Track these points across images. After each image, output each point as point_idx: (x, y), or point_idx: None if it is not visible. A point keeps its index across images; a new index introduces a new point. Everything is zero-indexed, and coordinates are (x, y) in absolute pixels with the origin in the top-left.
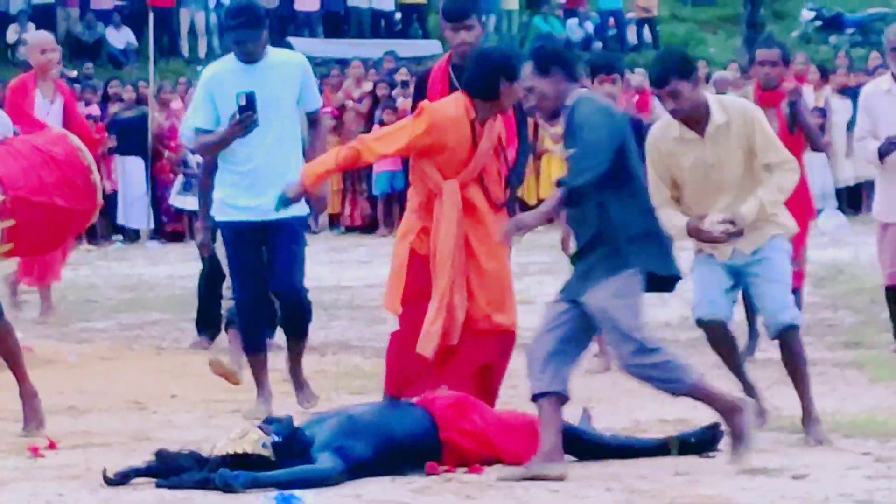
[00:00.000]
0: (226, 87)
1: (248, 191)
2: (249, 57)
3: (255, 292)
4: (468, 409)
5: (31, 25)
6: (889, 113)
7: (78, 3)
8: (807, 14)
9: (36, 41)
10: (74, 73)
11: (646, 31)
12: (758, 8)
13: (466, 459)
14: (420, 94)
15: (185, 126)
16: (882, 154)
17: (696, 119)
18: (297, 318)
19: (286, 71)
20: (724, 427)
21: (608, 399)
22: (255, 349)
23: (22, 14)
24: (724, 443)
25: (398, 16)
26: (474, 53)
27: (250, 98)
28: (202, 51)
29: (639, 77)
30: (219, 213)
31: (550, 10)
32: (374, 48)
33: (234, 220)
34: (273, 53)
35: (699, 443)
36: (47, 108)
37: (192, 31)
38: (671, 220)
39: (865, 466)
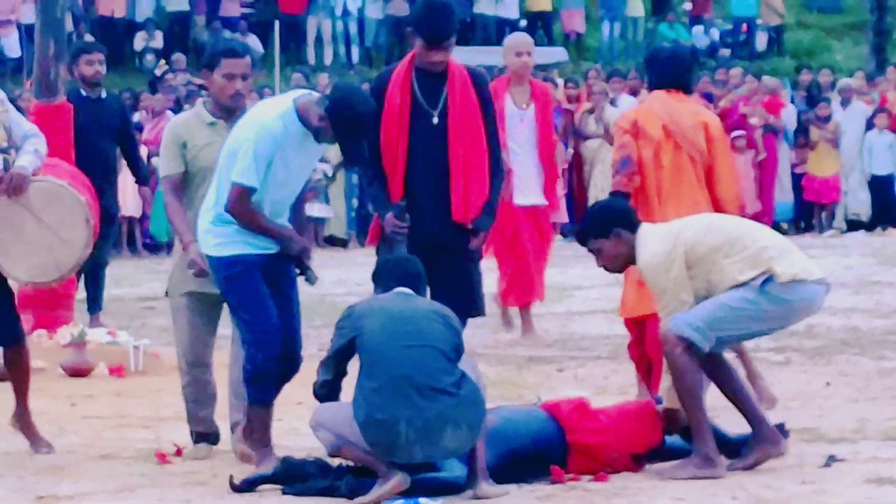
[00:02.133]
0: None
1: None
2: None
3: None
4: (590, 410)
5: (158, 33)
6: None
7: (205, 10)
8: None
9: (512, 43)
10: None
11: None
12: (885, 15)
13: (594, 459)
14: (378, 100)
15: None
16: None
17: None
18: None
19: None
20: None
21: (727, 407)
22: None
23: (149, 22)
24: (849, 451)
25: (523, 23)
26: (675, 53)
27: (310, 276)
28: (328, 59)
29: (772, 81)
30: None
31: (676, 18)
32: (499, 55)
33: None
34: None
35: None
36: (520, 115)
37: (319, 39)
38: None
39: None
